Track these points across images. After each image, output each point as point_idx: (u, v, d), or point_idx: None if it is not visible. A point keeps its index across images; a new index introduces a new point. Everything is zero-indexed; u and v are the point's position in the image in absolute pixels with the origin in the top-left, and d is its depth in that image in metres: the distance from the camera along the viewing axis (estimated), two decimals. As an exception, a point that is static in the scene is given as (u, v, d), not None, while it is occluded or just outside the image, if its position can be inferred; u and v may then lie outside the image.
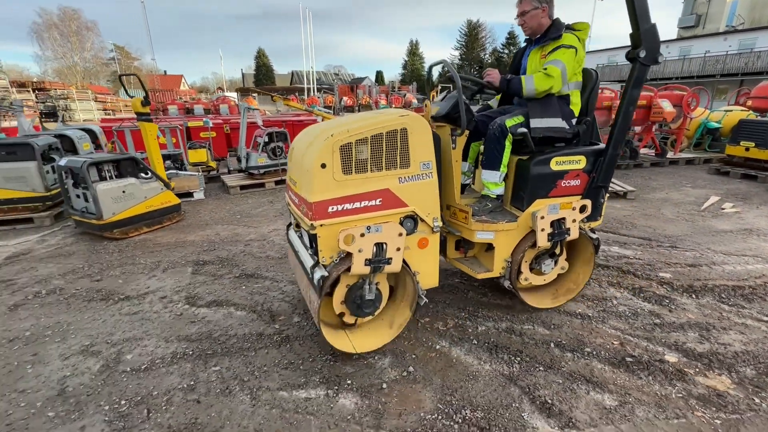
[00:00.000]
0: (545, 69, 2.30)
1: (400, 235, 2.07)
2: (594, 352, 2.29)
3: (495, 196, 2.52)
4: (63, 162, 4.17)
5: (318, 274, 2.03)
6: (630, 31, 2.22)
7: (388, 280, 2.32)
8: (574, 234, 2.46)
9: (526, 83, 2.33)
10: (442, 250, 2.69)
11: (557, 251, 2.58)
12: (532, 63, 2.50)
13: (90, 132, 6.44)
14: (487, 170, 2.48)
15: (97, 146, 6.62)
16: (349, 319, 2.24)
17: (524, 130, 2.32)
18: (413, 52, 61.64)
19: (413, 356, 2.29)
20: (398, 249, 2.08)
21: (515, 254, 2.48)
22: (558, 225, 2.41)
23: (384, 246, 2.05)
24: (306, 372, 2.16)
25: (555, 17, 2.43)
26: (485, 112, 2.74)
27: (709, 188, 6.24)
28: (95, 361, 2.28)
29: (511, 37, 52.69)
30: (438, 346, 2.38)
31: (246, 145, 6.56)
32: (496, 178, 2.46)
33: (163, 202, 4.69)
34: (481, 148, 2.74)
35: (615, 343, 2.38)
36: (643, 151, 8.34)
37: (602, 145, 2.50)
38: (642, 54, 2.17)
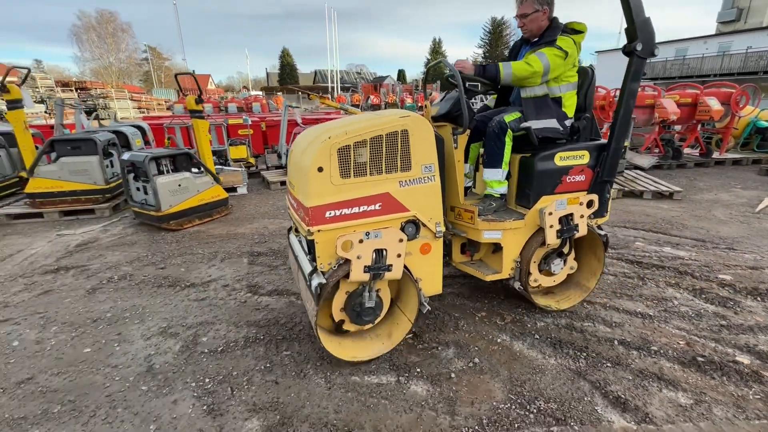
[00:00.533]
0: (526, 58, 2.26)
1: (401, 241, 2.00)
2: (661, 351, 2.27)
3: (499, 195, 2.47)
4: (126, 156, 4.42)
5: (316, 281, 1.95)
6: (625, 26, 2.21)
7: (390, 287, 2.25)
8: (582, 230, 2.43)
9: (504, 68, 2.27)
10: (447, 254, 2.64)
11: (565, 250, 2.53)
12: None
13: (140, 128, 6.76)
14: (489, 169, 2.43)
15: (146, 142, 6.94)
16: (349, 326, 2.17)
17: (528, 125, 2.32)
18: (436, 50, 61.27)
19: (476, 348, 2.33)
20: (399, 255, 2.01)
21: (524, 253, 2.44)
22: (566, 221, 2.38)
23: (384, 252, 1.98)
24: (374, 359, 2.24)
25: (553, 17, 2.38)
26: (483, 113, 2.72)
27: (762, 190, 5.98)
28: (175, 342, 2.44)
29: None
30: (499, 340, 2.41)
31: (286, 141, 6.74)
32: (499, 176, 2.41)
33: (213, 196, 4.90)
34: (482, 149, 2.71)
35: (681, 343, 2.35)
36: (686, 150, 8.05)
37: (604, 140, 2.47)
38: (639, 47, 2.15)
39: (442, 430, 1.77)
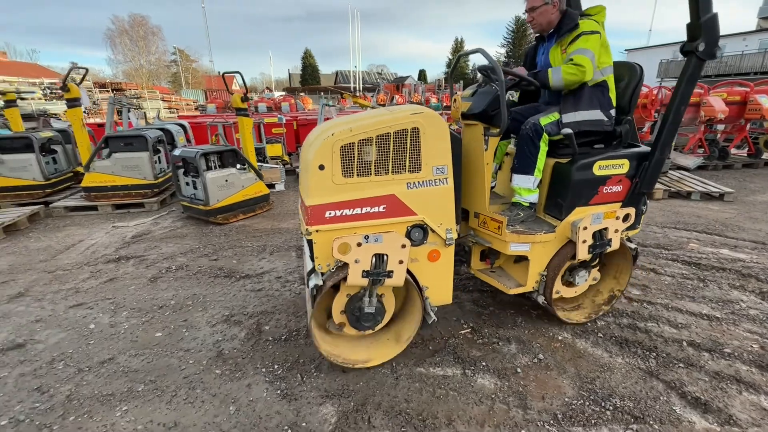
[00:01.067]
0: (572, 59, 2.09)
1: (404, 246, 1.88)
2: (735, 354, 2.19)
3: (528, 204, 2.28)
4: (178, 152, 4.60)
5: (313, 282, 1.91)
6: (688, 20, 1.96)
7: (397, 294, 2.15)
8: (615, 245, 2.26)
9: (553, 74, 2.12)
10: (466, 261, 2.54)
11: (594, 262, 2.37)
12: (554, 61, 2.27)
13: (182, 127, 7.01)
14: (520, 175, 2.24)
15: (187, 140, 7.20)
16: (349, 330, 2.08)
17: (569, 131, 2.11)
18: (458, 49, 60.77)
19: (538, 344, 2.31)
20: (401, 262, 1.89)
21: (551, 268, 2.27)
22: (599, 236, 2.20)
23: (384, 258, 1.87)
24: (437, 351, 2.26)
25: (565, 9, 2.23)
26: (513, 109, 2.56)
27: (820, 192, 5.66)
28: (239, 330, 2.52)
29: (563, 33, 50.26)
30: (560, 337, 2.38)
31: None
32: (530, 183, 2.22)
33: (256, 192, 5.03)
34: (509, 147, 2.56)
35: (755, 346, 2.26)
36: (732, 151, 7.70)
37: (645, 148, 2.27)
38: (701, 47, 1.92)
39: (517, 423, 1.77)
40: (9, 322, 2.66)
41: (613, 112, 2.24)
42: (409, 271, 2.00)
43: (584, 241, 2.17)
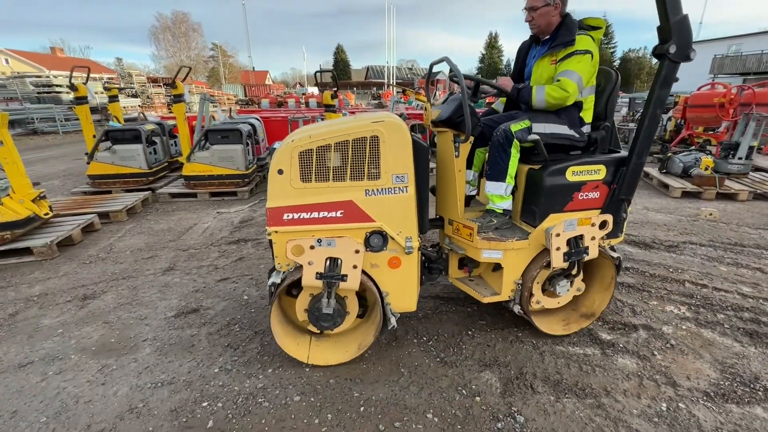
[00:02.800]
0: (558, 81, 2.09)
1: (357, 252, 1.94)
2: None
3: (501, 211, 2.27)
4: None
5: (271, 279, 2.03)
6: (657, 23, 1.93)
7: (371, 298, 2.18)
8: (593, 253, 2.21)
9: (537, 94, 2.14)
10: (444, 269, 2.52)
11: (573, 271, 2.31)
12: (540, 70, 2.26)
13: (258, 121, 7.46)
14: (492, 182, 2.23)
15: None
16: (312, 328, 2.16)
17: (536, 136, 2.10)
18: (492, 44, 59.48)
19: (667, 332, 2.46)
20: (355, 267, 1.95)
21: (526, 276, 2.23)
22: (575, 243, 2.16)
23: (339, 261, 1.95)
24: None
25: (566, 13, 2.19)
26: (491, 116, 2.54)
27: None
28: (377, 306, 2.81)
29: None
30: (684, 327, 2.52)
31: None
32: (502, 190, 2.21)
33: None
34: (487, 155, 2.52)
35: None
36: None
37: (624, 153, 2.24)
38: (672, 49, 1.87)
39: (671, 398, 1.95)
40: (174, 291, 3.07)
41: (585, 128, 2.26)
42: (371, 277, 2.08)
43: (558, 249, 2.13)
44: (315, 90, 29.08)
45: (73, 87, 5.90)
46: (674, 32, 1.87)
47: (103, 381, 2.10)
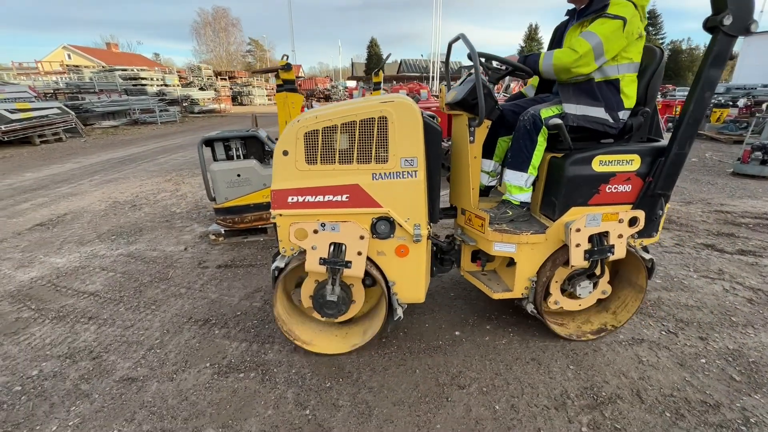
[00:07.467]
0: (568, 42, 1.88)
1: (362, 238, 1.86)
2: None
3: (518, 203, 2.10)
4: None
5: (275, 264, 1.98)
6: None
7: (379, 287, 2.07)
8: (619, 253, 1.99)
9: (545, 59, 1.91)
10: (456, 262, 2.38)
11: (597, 272, 2.09)
12: (566, 41, 2.04)
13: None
14: (512, 170, 2.06)
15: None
16: (316, 315, 2.08)
17: (558, 121, 1.89)
18: (532, 36, 56.72)
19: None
20: (359, 253, 1.87)
21: (542, 274, 2.06)
22: (599, 240, 1.96)
23: (342, 247, 1.86)
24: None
25: None
26: (517, 101, 2.34)
27: None
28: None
29: (651, 16, 45.22)
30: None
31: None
32: (522, 181, 2.04)
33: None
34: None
35: None
36: None
37: (663, 142, 1.99)
38: (727, 20, 1.59)
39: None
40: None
41: (623, 114, 1.99)
42: (377, 265, 2.00)
43: (578, 245, 1.95)
44: (352, 83, 29.25)
45: (376, 74, 6.14)
46: (731, 0, 1.60)
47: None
